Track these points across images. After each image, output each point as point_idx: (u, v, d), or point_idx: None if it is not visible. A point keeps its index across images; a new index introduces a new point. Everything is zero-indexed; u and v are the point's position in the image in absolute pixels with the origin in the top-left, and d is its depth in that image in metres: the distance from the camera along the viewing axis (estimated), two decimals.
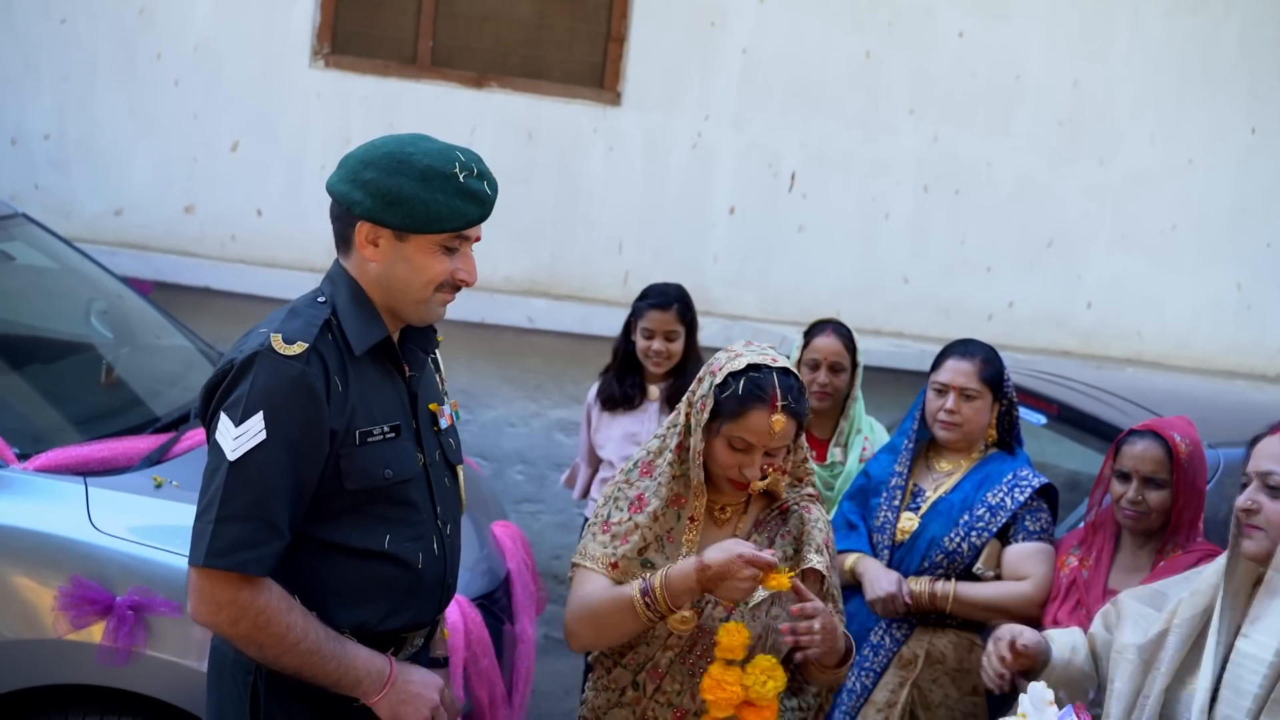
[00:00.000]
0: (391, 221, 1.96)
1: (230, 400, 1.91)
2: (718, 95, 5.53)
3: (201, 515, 1.91)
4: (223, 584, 1.88)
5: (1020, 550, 2.94)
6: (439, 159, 1.96)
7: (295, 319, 1.97)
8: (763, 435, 2.15)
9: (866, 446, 3.52)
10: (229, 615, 1.89)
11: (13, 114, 5.39)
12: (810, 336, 3.53)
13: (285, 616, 1.90)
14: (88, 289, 3.95)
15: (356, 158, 2.00)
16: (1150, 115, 5.64)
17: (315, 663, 1.92)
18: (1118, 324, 5.76)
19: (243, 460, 1.87)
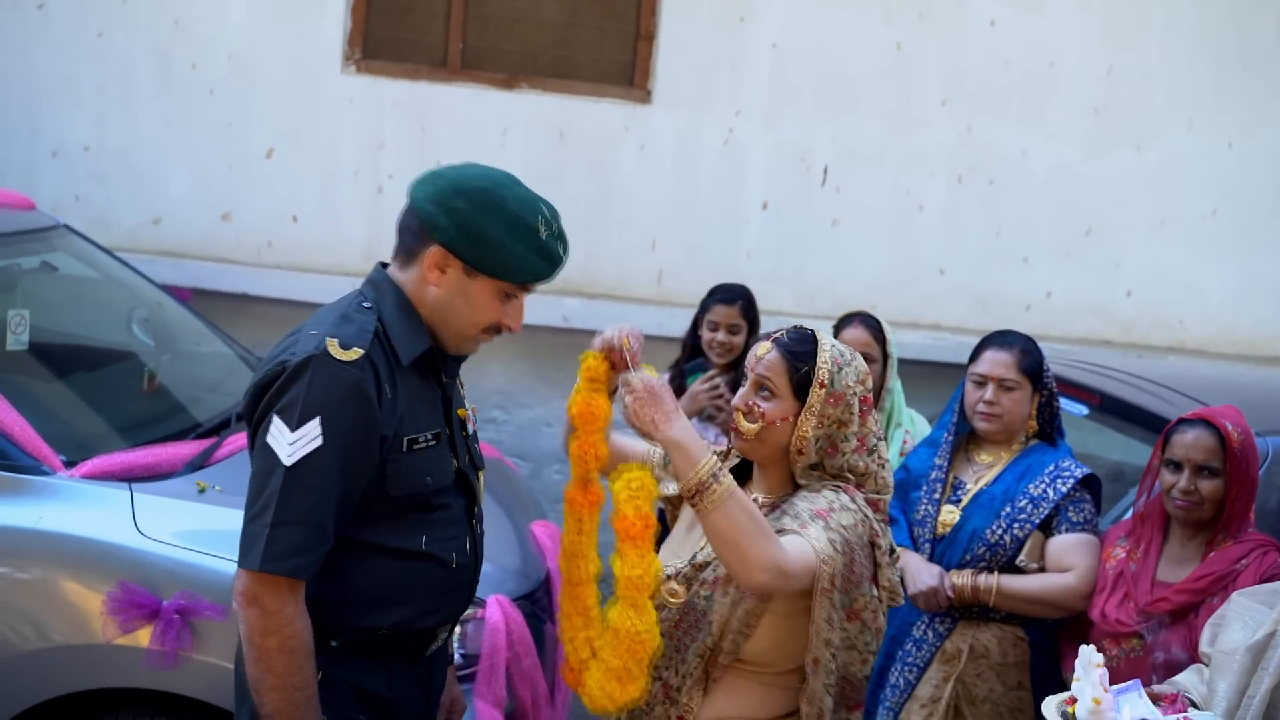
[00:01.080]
0: (468, 257, 1.98)
1: (283, 403, 1.90)
2: (748, 91, 5.51)
3: (255, 519, 1.90)
4: (273, 590, 1.89)
5: (1064, 542, 2.91)
6: (527, 209, 2.00)
7: (348, 324, 1.97)
8: (752, 360, 2.22)
9: (907, 439, 3.49)
10: (271, 624, 1.89)
11: (52, 127, 5.48)
12: (839, 329, 3.52)
13: (306, 659, 1.92)
14: (129, 298, 4.00)
15: (449, 181, 2.01)
16: (1188, 99, 5.56)
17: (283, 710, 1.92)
18: (1158, 312, 5.69)
19: (299, 465, 1.88)
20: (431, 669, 2.19)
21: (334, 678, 2.01)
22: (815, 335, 2.23)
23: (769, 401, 2.18)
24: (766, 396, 2.18)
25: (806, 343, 2.21)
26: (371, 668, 2.05)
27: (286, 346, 1.98)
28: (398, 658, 2.08)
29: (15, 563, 2.82)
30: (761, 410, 2.17)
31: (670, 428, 2.02)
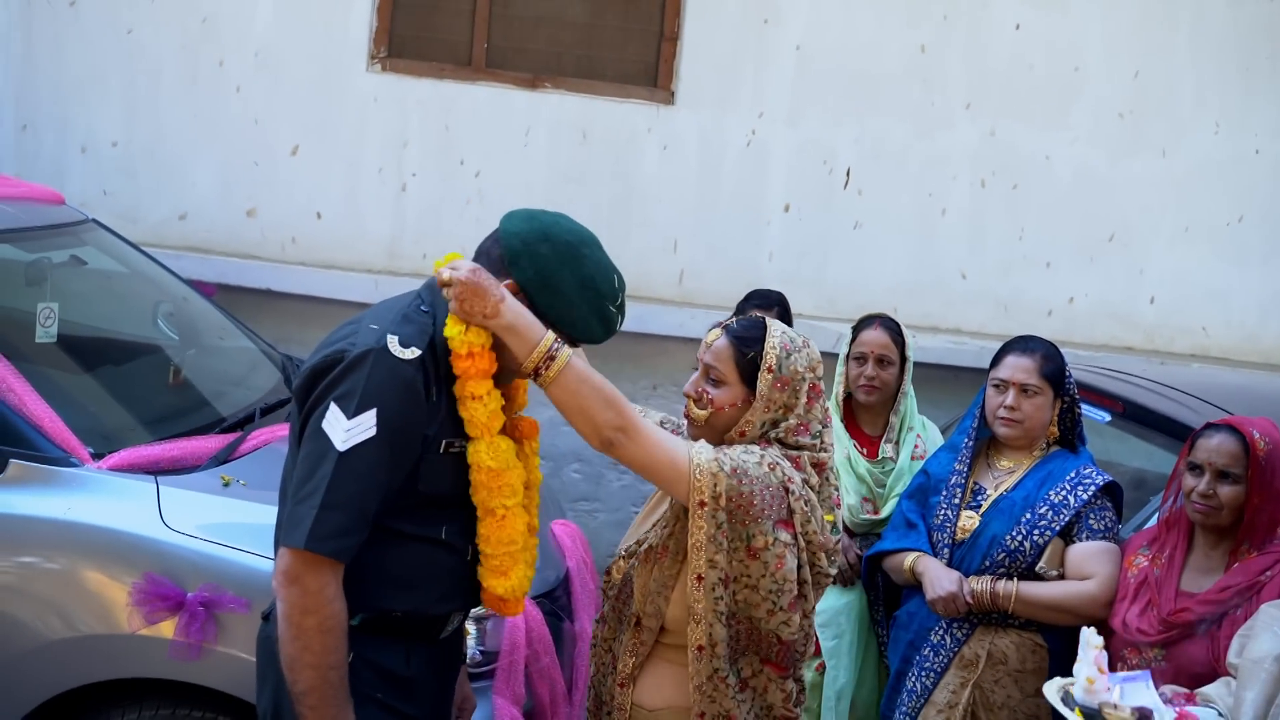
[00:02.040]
0: (538, 301, 2.08)
1: (341, 391, 1.98)
2: (771, 92, 5.51)
3: (303, 500, 1.97)
4: (315, 570, 1.95)
5: (1084, 549, 2.90)
6: (601, 274, 2.11)
7: (409, 324, 2.06)
8: (703, 348, 2.29)
9: (919, 444, 3.49)
10: (311, 603, 1.95)
11: (82, 123, 5.53)
12: (857, 331, 3.52)
13: (341, 639, 1.98)
14: (155, 292, 4.04)
15: (541, 225, 2.11)
16: (1214, 104, 5.52)
17: (323, 697, 1.97)
18: (1182, 319, 5.66)
19: (351, 452, 1.95)
20: (447, 652, 2.25)
21: (354, 657, 2.06)
22: (765, 322, 2.29)
23: (718, 388, 2.25)
24: (715, 383, 2.25)
25: (755, 329, 2.27)
26: (389, 646, 2.12)
27: (345, 335, 2.05)
28: (414, 639, 2.15)
29: (43, 553, 2.86)
30: (710, 397, 2.24)
31: (500, 316, 2.02)
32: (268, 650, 2.13)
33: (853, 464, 3.44)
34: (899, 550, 3.07)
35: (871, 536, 3.37)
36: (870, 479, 3.44)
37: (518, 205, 2.23)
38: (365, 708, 2.05)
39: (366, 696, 2.06)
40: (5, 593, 2.84)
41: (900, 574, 3.06)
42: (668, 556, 2.24)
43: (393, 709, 2.11)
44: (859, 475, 3.43)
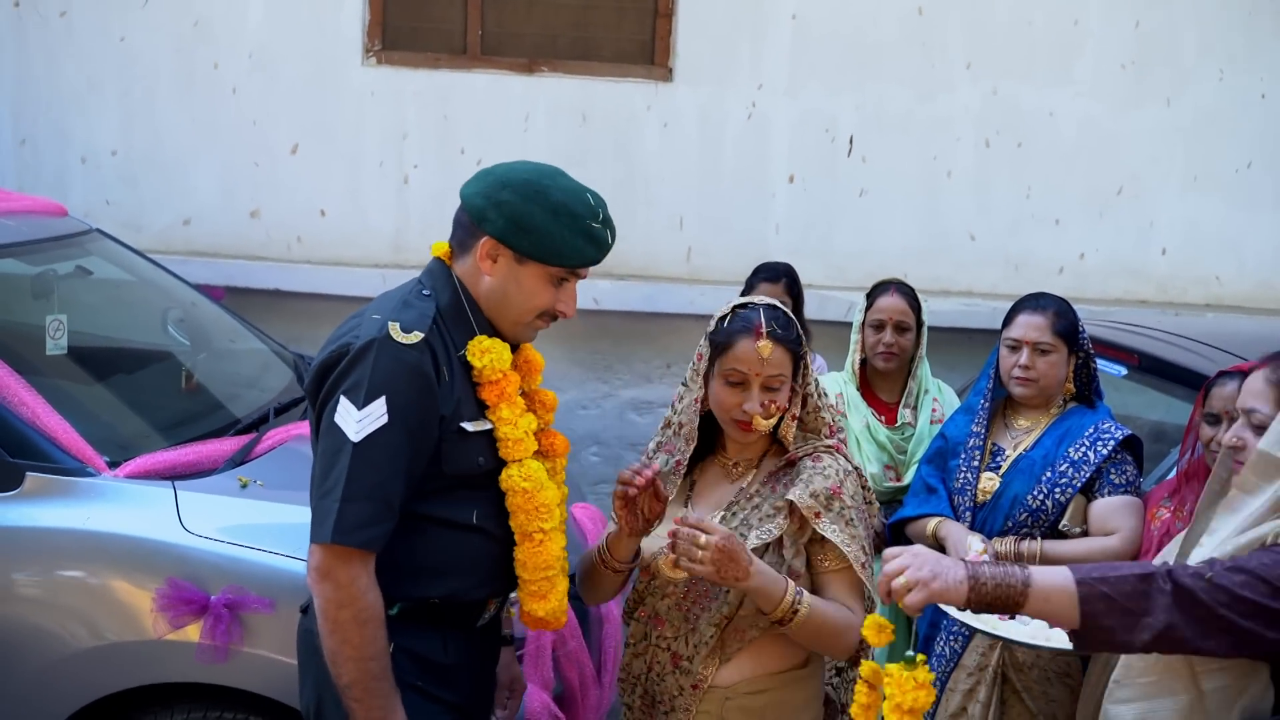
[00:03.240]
0: (517, 245, 2.08)
1: (349, 384, 1.98)
2: (770, 63, 5.48)
3: (325, 495, 1.97)
4: (345, 563, 1.96)
5: (1107, 505, 2.89)
6: (572, 198, 2.10)
7: (409, 310, 2.07)
8: (753, 363, 2.20)
9: (936, 408, 3.48)
10: (344, 596, 1.96)
11: (80, 133, 5.53)
12: (873, 297, 3.49)
13: (378, 629, 1.99)
14: (163, 298, 4.04)
15: (496, 176, 2.11)
16: (1218, 51, 5.46)
17: (368, 689, 1.98)
18: (1195, 269, 5.61)
19: (366, 442, 1.96)
20: (485, 640, 2.26)
21: (394, 646, 2.07)
22: (787, 313, 2.28)
23: (779, 392, 2.23)
24: (776, 390, 2.23)
25: (789, 324, 2.26)
26: (427, 635, 2.13)
27: (350, 329, 2.07)
28: (452, 626, 2.16)
29: (65, 563, 2.87)
30: (777, 404, 2.23)
31: (750, 579, 2.08)
32: (307, 644, 2.14)
33: (872, 432, 3.43)
34: (921, 516, 3.05)
35: (895, 504, 3.36)
36: (891, 446, 3.43)
37: None
38: (405, 695, 2.07)
39: (406, 685, 2.08)
40: (30, 605, 2.86)
41: (924, 539, 3.05)
42: (777, 555, 2.22)
43: (433, 696, 2.12)
44: (879, 443, 3.42)
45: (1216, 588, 1.79)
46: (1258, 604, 1.77)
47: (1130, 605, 1.82)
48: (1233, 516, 1.94)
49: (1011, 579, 1.85)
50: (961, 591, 1.86)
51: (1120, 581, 1.83)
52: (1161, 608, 1.80)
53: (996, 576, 1.86)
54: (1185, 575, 1.82)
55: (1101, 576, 1.85)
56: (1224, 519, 1.96)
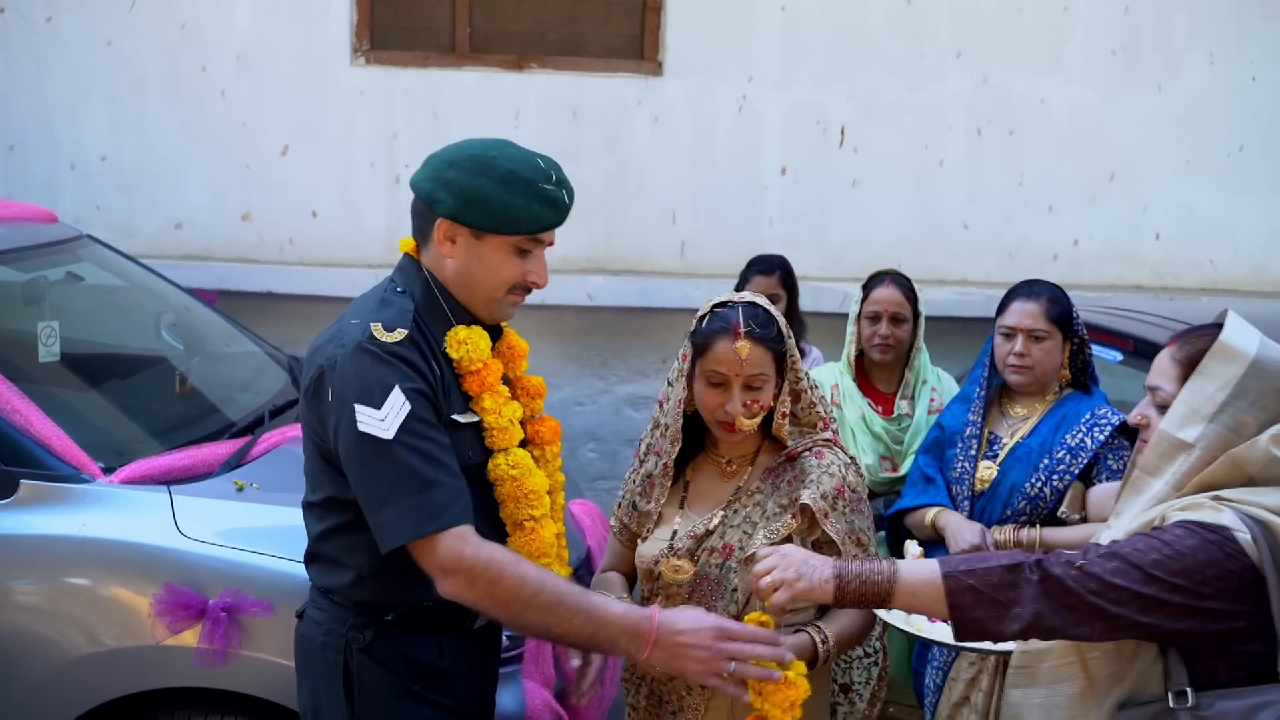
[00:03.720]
0: (471, 220, 2.03)
1: (357, 393, 1.94)
2: (760, 56, 5.47)
3: (387, 503, 1.92)
4: (443, 549, 1.90)
5: (1105, 490, 2.88)
6: (521, 164, 2.04)
7: (387, 308, 2.04)
8: (731, 363, 2.18)
9: (934, 397, 3.47)
10: (465, 579, 1.90)
11: (69, 139, 5.51)
12: (869, 289, 3.48)
13: (515, 569, 1.91)
14: (156, 303, 4.03)
15: (442, 158, 2.08)
16: (1208, 35, 5.46)
17: (561, 617, 1.90)
18: (1188, 253, 5.62)
19: (402, 431, 1.92)
20: (482, 642, 2.23)
21: (387, 649, 2.06)
22: (766, 309, 2.26)
23: (762, 392, 2.22)
24: (758, 390, 2.22)
25: (769, 322, 2.23)
26: (422, 639, 2.10)
27: (331, 339, 2.03)
28: (447, 629, 2.13)
29: (62, 570, 2.86)
30: (760, 404, 2.22)
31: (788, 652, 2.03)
32: (304, 649, 2.13)
33: (868, 423, 3.42)
34: (919, 506, 3.05)
35: (892, 495, 3.36)
36: (887, 436, 3.42)
37: None
38: (401, 700, 2.05)
39: (403, 689, 2.06)
40: (28, 613, 2.85)
41: (922, 530, 3.05)
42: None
43: (429, 700, 2.10)
44: (875, 434, 3.41)
45: (1088, 575, 1.79)
46: (1129, 590, 1.77)
47: (998, 596, 1.82)
48: (1137, 498, 1.94)
49: (877, 574, 1.87)
50: (828, 590, 1.88)
51: (987, 573, 1.83)
52: (1030, 598, 1.80)
53: (862, 574, 1.88)
54: (1056, 564, 1.82)
55: (969, 569, 1.85)
56: (1129, 500, 1.96)
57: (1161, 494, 1.90)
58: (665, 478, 2.32)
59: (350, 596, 2.07)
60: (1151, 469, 1.92)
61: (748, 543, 2.20)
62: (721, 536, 2.23)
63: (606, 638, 1.93)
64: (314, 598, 2.15)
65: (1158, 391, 2.02)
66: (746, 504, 2.26)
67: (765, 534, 2.20)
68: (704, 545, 2.23)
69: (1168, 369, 2.02)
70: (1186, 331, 2.08)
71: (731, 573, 2.20)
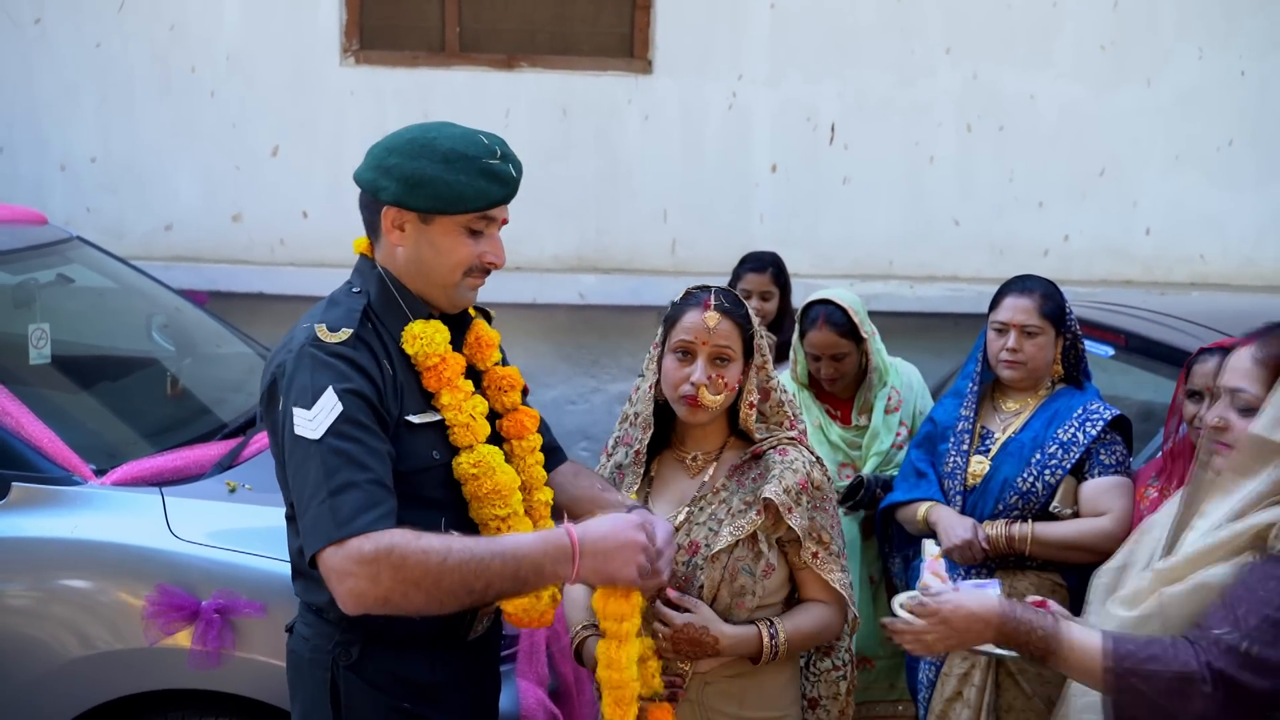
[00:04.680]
0: (416, 204, 1.97)
1: (294, 393, 1.88)
2: (749, 53, 5.47)
3: (310, 503, 1.82)
4: (345, 554, 1.77)
5: (1097, 485, 2.89)
6: (461, 142, 1.98)
7: (335, 308, 1.99)
8: (699, 331, 2.20)
9: (892, 396, 3.41)
10: (366, 579, 1.76)
11: (58, 140, 5.49)
12: (803, 326, 3.34)
13: (416, 543, 1.78)
14: (146, 305, 4.02)
15: (381, 146, 2.02)
16: (1197, 29, 5.47)
17: (479, 569, 1.78)
18: (1179, 248, 5.63)
19: (330, 434, 1.84)
20: (478, 655, 2.18)
21: (375, 667, 2.02)
22: (739, 297, 2.30)
23: (727, 367, 2.22)
24: (724, 364, 2.22)
25: (740, 303, 2.27)
26: (412, 655, 2.05)
27: (283, 346, 1.99)
28: (438, 645, 2.08)
29: (54, 573, 2.85)
30: (725, 379, 2.22)
31: (723, 650, 2.17)
32: (295, 664, 2.08)
33: (825, 432, 3.37)
34: (911, 501, 3.05)
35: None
36: (845, 444, 3.37)
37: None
38: (392, 718, 2.01)
39: (392, 708, 2.02)
40: (20, 615, 2.85)
41: (914, 525, 3.05)
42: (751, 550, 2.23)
43: (420, 718, 2.05)
44: (831, 443, 3.36)
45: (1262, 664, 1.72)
46: None
47: (1167, 705, 1.76)
48: (1225, 499, 1.90)
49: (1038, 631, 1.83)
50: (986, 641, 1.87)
51: (1157, 679, 1.75)
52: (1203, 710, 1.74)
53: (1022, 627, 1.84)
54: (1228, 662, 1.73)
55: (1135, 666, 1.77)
56: (1217, 502, 1.91)
57: (1255, 496, 1.85)
58: (637, 465, 2.33)
59: (336, 613, 1.96)
60: (1244, 471, 1.86)
61: (713, 540, 2.21)
62: (687, 534, 2.23)
63: (532, 568, 1.82)
64: (301, 612, 2.10)
65: (1240, 393, 1.97)
66: (712, 501, 2.27)
67: (730, 531, 2.21)
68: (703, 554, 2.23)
69: (1250, 370, 1.97)
70: (1263, 331, 2.03)
71: (699, 570, 2.21)
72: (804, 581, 2.28)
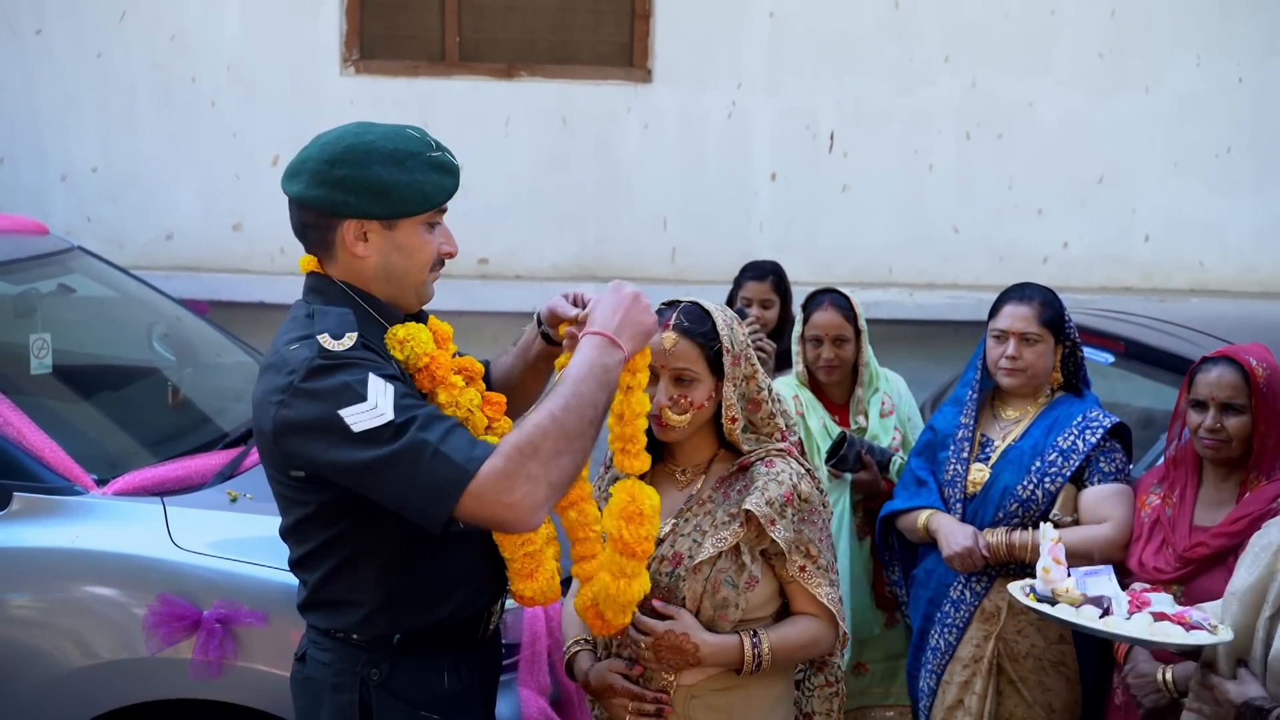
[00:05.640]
0: (382, 212, 1.93)
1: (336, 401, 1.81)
2: (748, 62, 5.48)
3: (416, 470, 1.78)
4: (489, 479, 1.78)
5: (1097, 493, 2.89)
6: (400, 140, 1.95)
7: (325, 318, 1.91)
8: (657, 353, 2.18)
9: (885, 401, 3.46)
10: (523, 481, 1.78)
11: (59, 151, 5.51)
12: (808, 311, 3.44)
13: (525, 430, 1.82)
14: (147, 314, 4.03)
15: (315, 160, 1.94)
16: (1195, 36, 5.49)
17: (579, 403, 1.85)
18: (1178, 255, 5.64)
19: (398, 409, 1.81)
20: (490, 653, 2.20)
21: (405, 680, 2.01)
22: (703, 307, 2.26)
23: (690, 387, 2.22)
24: (687, 384, 2.22)
25: (703, 319, 2.24)
26: (437, 662, 2.05)
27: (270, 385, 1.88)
28: (459, 646, 2.09)
29: (56, 583, 2.85)
30: (689, 400, 2.22)
31: (704, 658, 2.17)
32: (310, 692, 2.06)
33: (830, 432, 3.40)
34: (911, 509, 3.06)
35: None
36: None
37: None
38: None
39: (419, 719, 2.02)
40: (22, 626, 2.85)
41: (915, 533, 3.05)
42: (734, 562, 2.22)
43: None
44: None
45: None
46: None
47: None
48: None
49: None
50: None
51: None
52: None
53: None
54: None
55: None
56: None
57: None
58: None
59: (362, 633, 1.98)
60: None
61: (696, 551, 2.20)
62: (672, 545, 2.23)
63: (602, 371, 1.89)
64: (315, 638, 2.05)
65: None
66: (698, 512, 2.27)
67: (713, 542, 2.20)
68: (654, 554, 2.21)
69: None
70: None
71: (681, 581, 2.21)
72: (792, 595, 2.27)
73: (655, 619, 2.18)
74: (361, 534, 1.95)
